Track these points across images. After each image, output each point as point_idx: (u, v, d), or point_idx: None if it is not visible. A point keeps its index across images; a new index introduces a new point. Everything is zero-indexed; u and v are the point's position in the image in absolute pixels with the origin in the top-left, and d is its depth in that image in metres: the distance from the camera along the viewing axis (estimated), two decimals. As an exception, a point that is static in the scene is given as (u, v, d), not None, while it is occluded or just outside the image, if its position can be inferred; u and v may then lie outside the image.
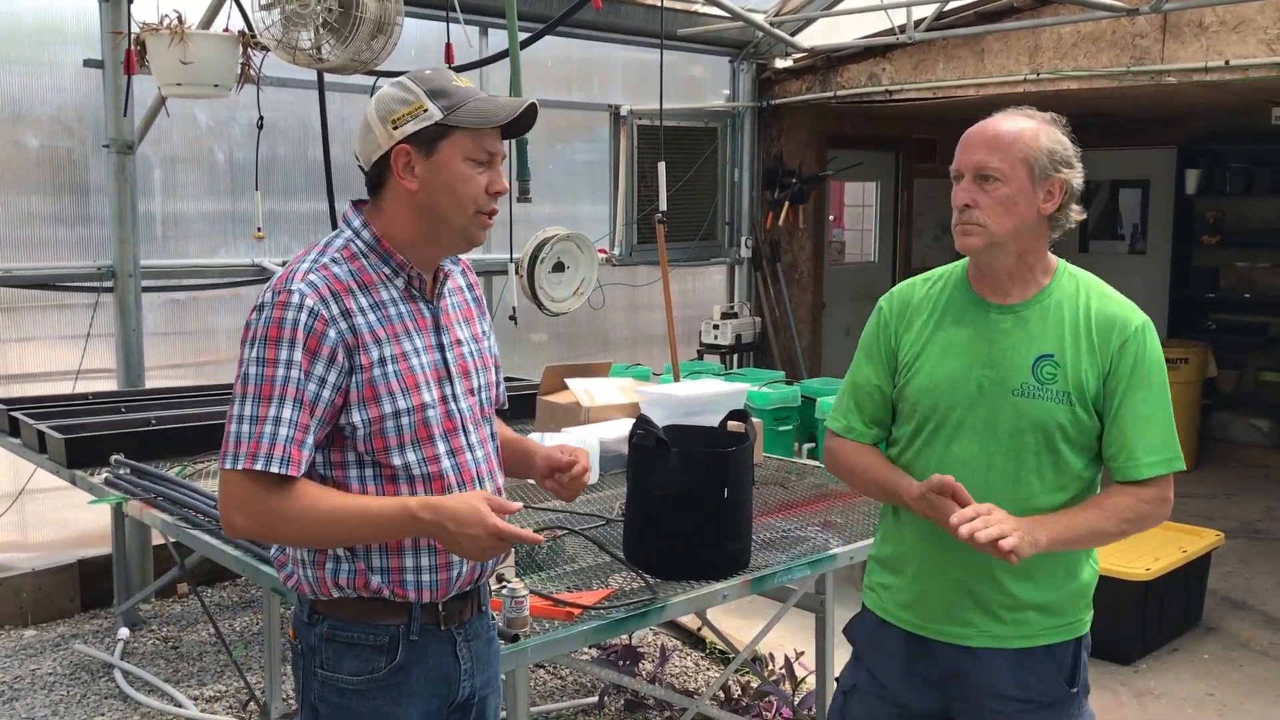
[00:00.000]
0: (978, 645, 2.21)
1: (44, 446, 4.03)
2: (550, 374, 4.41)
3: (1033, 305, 2.19)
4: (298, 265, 1.93)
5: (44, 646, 4.83)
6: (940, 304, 2.27)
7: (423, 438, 1.96)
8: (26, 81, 5.06)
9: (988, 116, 2.20)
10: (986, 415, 2.16)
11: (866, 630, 2.39)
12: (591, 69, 7.11)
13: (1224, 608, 5.41)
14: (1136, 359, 2.14)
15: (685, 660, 4.73)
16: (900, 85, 7.06)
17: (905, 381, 2.26)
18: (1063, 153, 2.14)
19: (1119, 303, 2.21)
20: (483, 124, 1.94)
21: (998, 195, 2.12)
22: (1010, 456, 2.14)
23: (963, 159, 2.16)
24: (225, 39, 4.27)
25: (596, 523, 3.22)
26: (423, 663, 2.01)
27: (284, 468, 1.84)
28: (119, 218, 5.19)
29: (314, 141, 5.39)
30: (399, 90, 1.94)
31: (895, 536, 2.34)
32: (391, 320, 1.95)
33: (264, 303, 1.89)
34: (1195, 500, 7.14)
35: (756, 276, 8.02)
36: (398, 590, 1.97)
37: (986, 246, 2.15)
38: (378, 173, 1.97)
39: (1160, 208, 9.23)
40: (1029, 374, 2.14)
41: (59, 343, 5.22)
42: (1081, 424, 2.14)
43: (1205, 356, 8.01)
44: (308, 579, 1.98)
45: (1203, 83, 5.94)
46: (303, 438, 1.86)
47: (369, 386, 1.91)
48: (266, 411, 1.84)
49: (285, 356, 1.85)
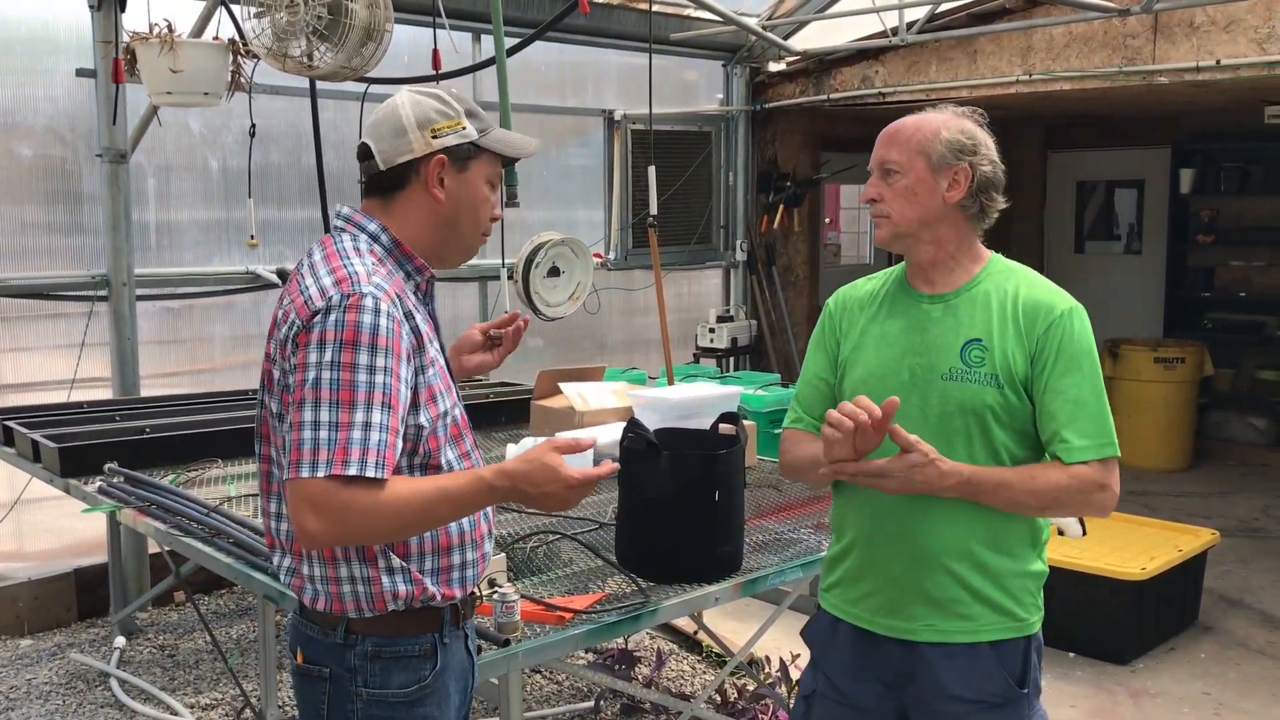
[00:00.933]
0: (923, 640, 2.23)
1: (38, 456, 4.03)
2: (544, 378, 4.42)
3: (961, 294, 2.24)
4: (352, 267, 1.88)
5: (40, 656, 4.83)
6: (879, 298, 2.35)
7: (454, 435, 2.01)
8: (19, 91, 5.06)
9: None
10: (919, 402, 2.20)
11: (820, 631, 2.41)
12: (585, 74, 7.12)
13: (1221, 607, 5.42)
14: (1063, 341, 2.16)
15: (682, 664, 4.73)
16: (893, 87, 7.07)
17: (844, 374, 2.33)
18: (965, 142, 2.19)
19: (1047, 289, 2.25)
20: (511, 154, 2.06)
21: (898, 187, 2.21)
22: (941, 442, 2.15)
23: (872, 156, 2.27)
24: (215, 47, 4.27)
25: (590, 527, 3.23)
26: (452, 662, 2.05)
27: (379, 471, 1.80)
28: (113, 227, 5.20)
29: (307, 148, 5.40)
30: (438, 102, 1.98)
31: (840, 530, 2.37)
32: (422, 323, 1.98)
33: (329, 306, 1.83)
34: (1192, 499, 7.14)
35: (752, 279, 8.02)
36: (445, 590, 1.98)
37: (894, 237, 2.25)
38: (399, 175, 1.98)
39: (1155, 207, 9.25)
40: (957, 358, 2.19)
41: (54, 352, 5.22)
42: (1011, 406, 2.17)
43: (1202, 355, 8.02)
44: (357, 596, 1.94)
45: (1194, 82, 5.95)
46: (395, 441, 1.84)
47: (428, 387, 1.93)
48: (351, 417, 1.79)
49: (367, 361, 1.81)
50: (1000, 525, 2.20)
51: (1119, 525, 5.28)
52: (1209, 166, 8.73)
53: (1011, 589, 2.23)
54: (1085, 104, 7.53)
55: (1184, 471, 7.89)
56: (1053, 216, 9.82)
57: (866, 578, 2.29)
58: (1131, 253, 9.48)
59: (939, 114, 2.24)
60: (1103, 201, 9.72)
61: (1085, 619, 4.71)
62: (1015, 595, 2.23)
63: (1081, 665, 4.74)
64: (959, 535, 2.19)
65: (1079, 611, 4.69)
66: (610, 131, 7.18)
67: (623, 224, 7.25)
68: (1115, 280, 9.49)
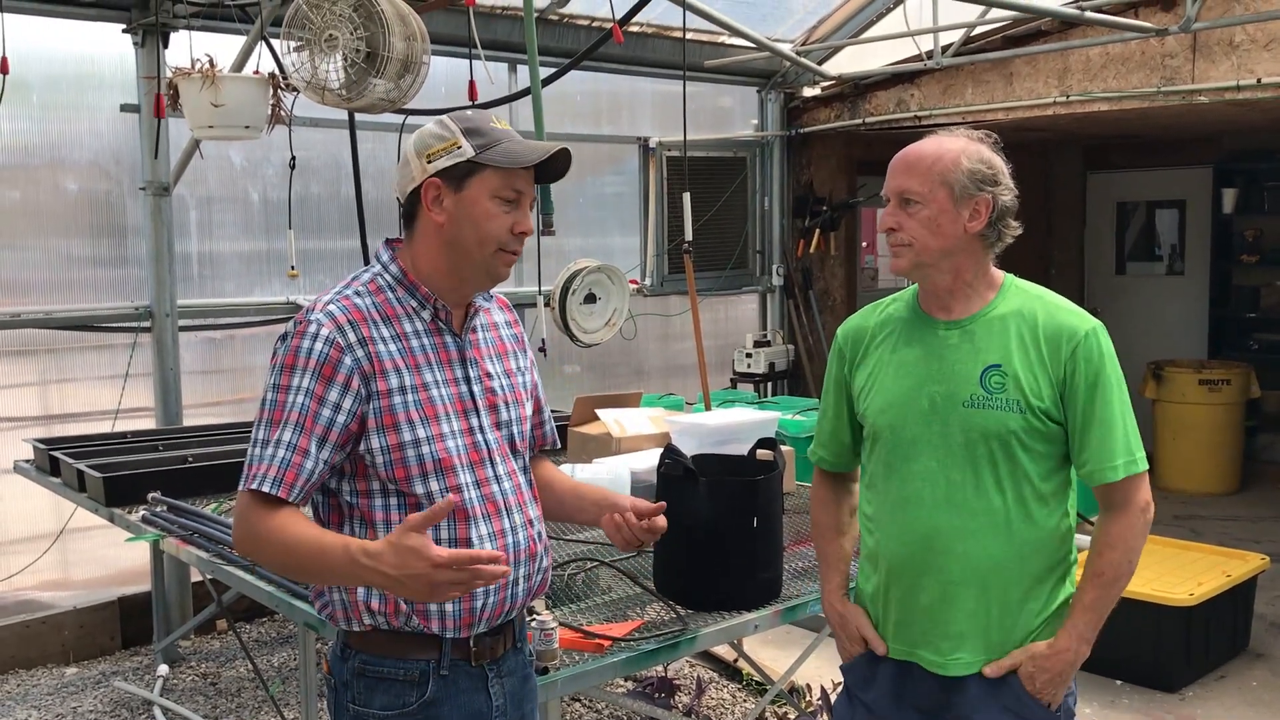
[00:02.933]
0: (955, 673, 2.22)
1: (83, 485, 4.08)
2: (581, 405, 4.42)
3: (978, 319, 2.23)
4: (322, 297, 2.00)
5: (85, 684, 4.87)
6: (893, 327, 2.33)
7: (446, 467, 1.98)
8: (66, 127, 5.16)
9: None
10: (941, 430, 2.18)
11: (859, 664, 2.38)
12: (620, 102, 7.16)
13: (1273, 633, 5.31)
14: (1089, 365, 2.15)
15: (722, 692, 4.70)
16: (929, 111, 7.05)
17: (864, 406, 2.32)
18: (986, 171, 2.17)
19: (1067, 311, 2.22)
20: (511, 164, 1.99)
21: (920, 217, 2.17)
22: (967, 468, 2.16)
23: (888, 184, 2.23)
24: (255, 81, 4.33)
25: (629, 554, 3.21)
26: (454, 699, 2.01)
27: (275, 488, 1.89)
28: (156, 258, 5.27)
29: (346, 179, 5.46)
30: (437, 128, 2.02)
31: (873, 561, 2.34)
32: (413, 351, 2.00)
33: (287, 333, 1.97)
34: (1240, 524, 7.00)
35: (789, 304, 8.01)
36: (421, 621, 1.97)
37: (914, 267, 2.22)
38: (411, 206, 2.04)
39: (1197, 228, 9.14)
40: (978, 385, 2.17)
41: (98, 383, 5.30)
42: (1035, 430, 2.15)
43: (1248, 377, 7.89)
44: (342, 604, 2.00)
45: (1234, 101, 5.89)
46: (300, 461, 1.90)
47: (388, 414, 1.95)
48: (274, 435, 1.91)
49: (297, 383, 1.92)
50: (1029, 550, 2.19)
51: (1166, 550, 5.20)
52: (1252, 186, 8.62)
53: (1041, 625, 2.21)
54: (1124, 124, 7.46)
55: (1232, 495, 7.74)
56: (1093, 238, 9.73)
57: (898, 607, 2.27)
58: (1174, 274, 9.37)
59: (955, 140, 2.20)
60: (1144, 222, 9.62)
61: (1132, 646, 4.63)
62: (1045, 630, 2.22)
63: (1129, 693, 4.66)
64: (989, 560, 2.17)
65: (1126, 638, 4.61)
66: (646, 159, 7.20)
67: (659, 250, 7.26)
68: (1157, 302, 9.37)
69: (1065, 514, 2.23)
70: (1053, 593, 2.22)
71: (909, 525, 2.22)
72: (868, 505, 2.34)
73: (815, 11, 7.11)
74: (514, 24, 5.76)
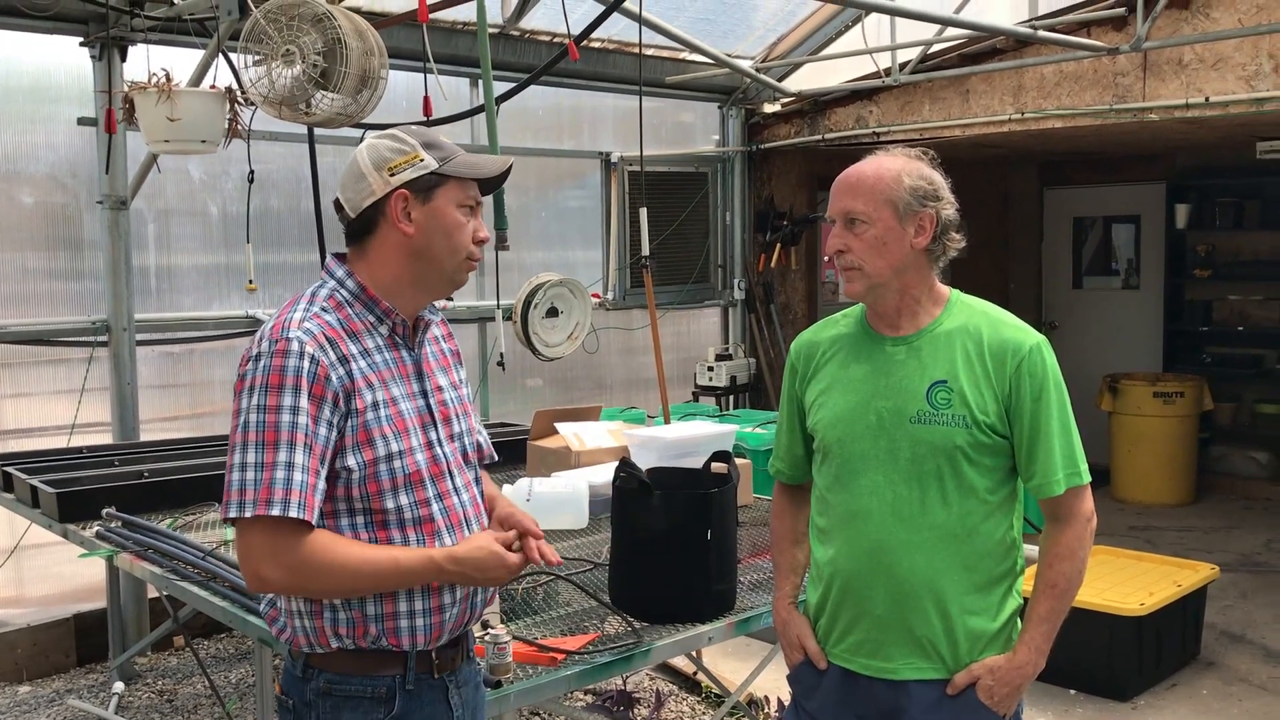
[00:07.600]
0: (905, 678, 2.24)
1: (37, 501, 4.04)
2: (540, 418, 4.43)
3: (924, 335, 2.26)
4: (290, 315, 1.96)
5: (39, 703, 4.81)
6: (842, 343, 2.36)
7: (415, 481, 1.99)
8: (21, 138, 5.12)
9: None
10: (888, 445, 2.22)
11: (805, 673, 2.41)
12: (582, 117, 7.19)
13: (1223, 642, 5.39)
14: (1034, 380, 2.19)
15: (681, 705, 4.71)
16: (887, 127, 7.13)
17: (815, 421, 2.35)
18: (927, 188, 2.21)
19: (1012, 326, 2.26)
20: (475, 174, 2.04)
21: (867, 237, 2.21)
22: (914, 483, 2.20)
23: (832, 206, 2.26)
24: (211, 95, 4.32)
25: (584, 567, 3.23)
26: (419, 712, 2.02)
27: (301, 512, 1.86)
28: (113, 272, 5.24)
29: (305, 193, 5.44)
30: (392, 141, 2.02)
31: (818, 572, 2.38)
32: (378, 367, 2.00)
33: (260, 352, 1.92)
34: (1194, 534, 7.12)
35: (750, 318, 8.05)
36: (391, 639, 1.98)
37: (869, 289, 2.25)
38: (368, 220, 2.02)
39: (1152, 242, 9.28)
40: (924, 401, 2.21)
41: (54, 397, 5.24)
42: (981, 445, 2.19)
43: (1201, 390, 8.02)
44: (305, 630, 1.98)
45: (1185, 119, 6.00)
46: (315, 483, 1.88)
47: (363, 430, 1.94)
48: (274, 458, 1.86)
49: (290, 403, 1.87)
50: (976, 561, 2.22)
51: (1119, 560, 5.27)
52: (1204, 201, 8.76)
53: (994, 630, 2.24)
54: (1078, 141, 7.58)
55: (1186, 506, 7.87)
56: (1050, 252, 9.85)
57: (846, 617, 2.30)
58: (1130, 288, 9.51)
59: (894, 159, 2.24)
60: (1100, 237, 9.75)
61: (1085, 655, 4.69)
62: (997, 635, 2.25)
63: (1082, 702, 4.72)
64: (936, 572, 2.20)
65: (1079, 648, 4.66)
66: (607, 173, 7.24)
67: (620, 264, 7.29)
68: (1114, 315, 9.50)
69: (1011, 525, 2.27)
70: (1002, 603, 2.26)
71: (858, 539, 2.25)
72: (820, 518, 2.37)
73: (775, 29, 7.18)
74: (474, 39, 5.76)
